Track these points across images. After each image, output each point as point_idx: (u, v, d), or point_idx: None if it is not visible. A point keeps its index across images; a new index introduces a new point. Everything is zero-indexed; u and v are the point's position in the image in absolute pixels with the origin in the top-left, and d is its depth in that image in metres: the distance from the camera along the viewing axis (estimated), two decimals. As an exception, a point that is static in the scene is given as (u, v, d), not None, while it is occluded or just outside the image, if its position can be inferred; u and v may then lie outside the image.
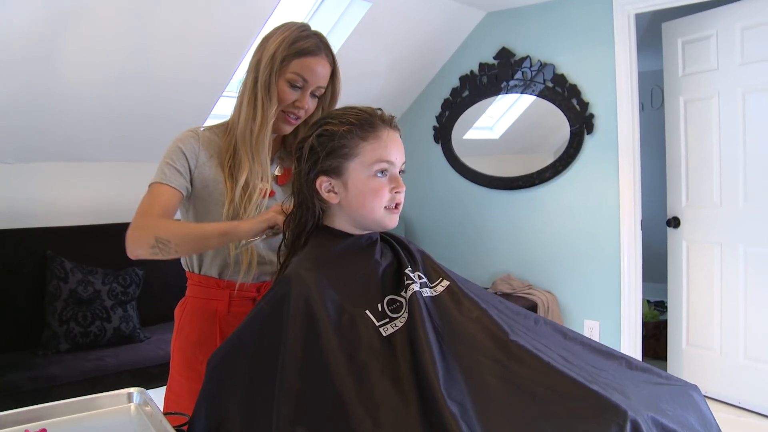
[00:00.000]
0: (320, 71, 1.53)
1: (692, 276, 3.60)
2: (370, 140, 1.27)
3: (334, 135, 1.27)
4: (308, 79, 1.52)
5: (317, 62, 1.52)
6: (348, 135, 1.27)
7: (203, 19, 2.91)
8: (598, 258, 3.76)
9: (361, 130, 1.27)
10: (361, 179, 1.27)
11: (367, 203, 1.28)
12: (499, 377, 1.09)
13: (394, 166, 1.29)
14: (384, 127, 1.29)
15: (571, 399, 1.03)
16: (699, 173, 3.54)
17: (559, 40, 3.82)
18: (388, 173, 1.29)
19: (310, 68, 1.52)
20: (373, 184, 1.27)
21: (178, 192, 1.52)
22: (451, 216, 4.42)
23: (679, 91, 3.61)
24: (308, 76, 1.52)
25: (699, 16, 3.47)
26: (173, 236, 1.42)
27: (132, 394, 1.34)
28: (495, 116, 4.48)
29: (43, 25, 2.52)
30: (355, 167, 1.27)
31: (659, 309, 4.46)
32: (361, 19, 3.49)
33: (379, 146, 1.27)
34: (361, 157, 1.27)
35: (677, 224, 3.64)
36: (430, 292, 1.26)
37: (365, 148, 1.27)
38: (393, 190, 1.29)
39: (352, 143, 1.27)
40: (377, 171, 1.27)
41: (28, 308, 2.90)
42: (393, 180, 1.29)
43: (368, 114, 1.30)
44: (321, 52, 1.54)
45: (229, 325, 1.56)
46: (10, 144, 2.94)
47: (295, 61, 1.51)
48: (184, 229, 1.46)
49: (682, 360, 3.64)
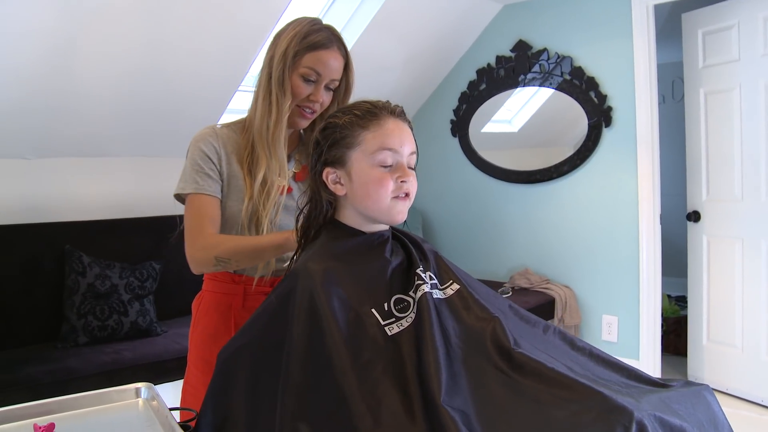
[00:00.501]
0: (333, 64, 1.54)
1: (713, 271, 3.55)
2: (371, 129, 1.24)
3: (336, 126, 1.27)
4: (321, 73, 1.53)
5: (329, 55, 1.53)
6: (349, 125, 1.25)
7: (218, 15, 2.92)
8: (617, 252, 3.72)
9: (362, 120, 1.25)
10: (364, 169, 1.25)
11: (371, 193, 1.25)
12: (502, 385, 1.08)
13: (398, 154, 1.26)
14: (388, 116, 1.26)
15: (575, 403, 1.02)
16: (720, 167, 3.48)
17: (576, 32, 3.78)
18: (393, 162, 1.26)
19: (322, 61, 1.52)
20: (376, 173, 1.24)
21: (217, 198, 1.55)
22: (469, 210, 4.40)
23: (699, 83, 3.55)
24: (321, 69, 1.52)
25: (720, 6, 3.41)
26: (231, 254, 1.47)
27: (140, 389, 1.35)
28: (514, 109, 4.44)
29: (61, 23, 2.54)
30: (357, 156, 1.25)
31: (680, 304, 4.41)
32: (375, 13, 3.48)
33: (380, 134, 1.24)
34: (363, 146, 1.24)
35: (697, 218, 3.59)
36: (440, 294, 1.25)
37: (366, 137, 1.24)
38: (398, 179, 1.25)
39: (353, 132, 1.25)
40: (380, 160, 1.24)
41: (47, 302, 2.94)
42: (398, 169, 1.26)
43: (373, 105, 1.28)
44: (333, 45, 1.54)
45: (244, 320, 1.55)
46: (30, 140, 2.97)
47: (307, 55, 1.51)
48: (240, 246, 1.49)
49: (702, 356, 3.59)
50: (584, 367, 1.18)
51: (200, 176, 1.54)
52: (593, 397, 1.01)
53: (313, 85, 1.54)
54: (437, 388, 1.03)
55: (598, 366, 1.21)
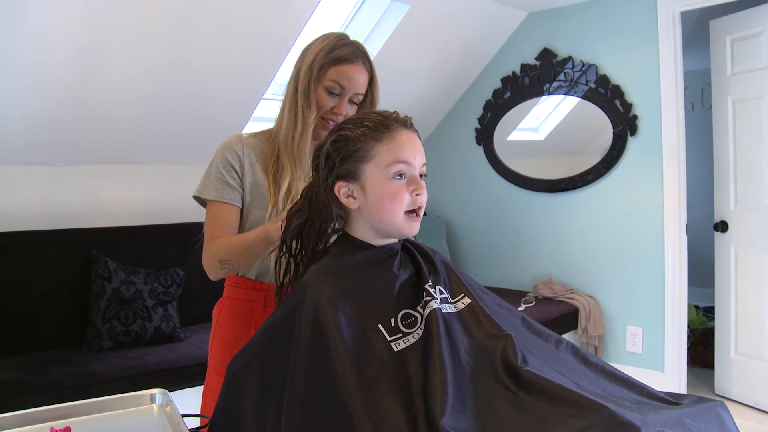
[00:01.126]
0: (357, 78, 1.58)
1: (741, 282, 3.49)
2: (384, 141, 1.24)
3: (348, 139, 1.25)
4: (345, 86, 1.56)
5: (354, 69, 1.57)
6: (362, 138, 1.24)
7: (243, 25, 2.95)
8: (642, 262, 3.68)
9: (375, 132, 1.24)
10: (379, 182, 1.24)
11: (386, 207, 1.24)
12: (509, 403, 1.06)
13: (412, 167, 1.25)
14: (399, 128, 1.25)
15: (582, 419, 1.00)
16: (748, 176, 3.43)
17: (601, 40, 3.76)
18: (407, 175, 1.25)
19: (346, 75, 1.56)
20: (391, 187, 1.23)
21: (235, 207, 1.60)
22: (493, 219, 4.39)
23: (727, 90, 3.50)
24: (345, 83, 1.56)
25: (748, 13, 3.36)
26: (228, 255, 1.53)
27: (155, 395, 1.37)
28: (540, 117, 4.42)
29: (88, 34, 2.60)
30: (371, 170, 1.24)
31: (708, 315, 4.33)
32: (400, 21, 3.49)
33: (394, 147, 1.23)
34: (377, 159, 1.24)
35: (725, 228, 3.53)
36: (451, 309, 1.24)
37: (380, 150, 1.23)
38: (413, 192, 1.24)
39: (366, 146, 1.24)
40: (395, 173, 1.23)
41: (73, 306, 2.99)
42: (412, 182, 1.25)
43: (382, 116, 1.27)
44: (358, 59, 1.58)
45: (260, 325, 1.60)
46: (58, 147, 3.04)
47: (332, 68, 1.55)
48: (233, 245, 1.54)
49: (730, 369, 3.52)
50: (595, 384, 1.16)
51: (221, 184, 1.58)
52: (600, 413, 1.00)
53: (337, 98, 1.58)
54: (440, 409, 1.02)
55: (610, 383, 1.20)
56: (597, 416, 1.00)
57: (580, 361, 1.23)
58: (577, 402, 1.03)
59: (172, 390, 1.85)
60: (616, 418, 0.98)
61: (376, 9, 3.54)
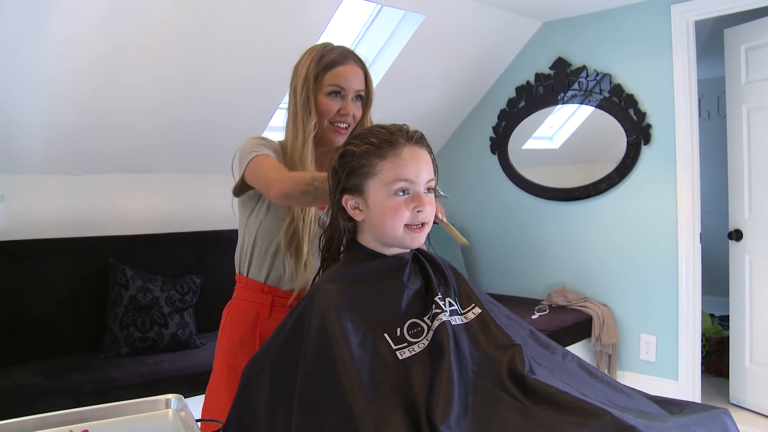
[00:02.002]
0: (353, 76, 1.63)
1: (756, 291, 3.47)
2: (389, 158, 1.25)
3: (354, 155, 1.28)
4: (344, 87, 1.62)
5: (348, 69, 1.63)
6: (366, 155, 1.26)
7: (259, 34, 3.00)
8: (656, 271, 3.67)
9: (379, 149, 1.26)
10: (381, 198, 1.26)
11: (386, 222, 1.26)
12: (517, 412, 1.08)
13: (415, 184, 1.26)
14: (405, 145, 1.27)
15: (586, 426, 1.02)
16: (763, 184, 3.41)
17: (615, 49, 3.76)
18: (410, 191, 1.26)
19: (343, 76, 1.62)
20: (392, 203, 1.25)
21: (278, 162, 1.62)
22: (507, 227, 4.39)
23: (742, 99, 3.49)
24: (343, 83, 1.62)
25: (763, 21, 3.36)
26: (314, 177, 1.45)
27: (170, 400, 1.39)
28: (555, 126, 4.43)
29: (106, 44, 2.65)
30: (374, 186, 1.26)
31: (723, 324, 4.30)
32: (414, 31, 3.52)
33: (397, 164, 1.25)
34: (380, 176, 1.26)
35: (739, 237, 3.52)
36: (460, 320, 1.26)
37: (384, 167, 1.25)
38: (414, 209, 1.26)
39: (371, 162, 1.26)
40: (396, 189, 1.25)
41: (91, 313, 3.04)
42: (414, 198, 1.26)
43: (390, 132, 1.28)
44: (349, 59, 1.64)
45: (269, 329, 1.58)
46: (78, 156, 3.09)
47: (327, 74, 1.61)
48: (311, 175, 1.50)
49: (745, 379, 3.50)
50: (600, 394, 1.18)
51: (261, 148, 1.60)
52: (603, 418, 1.02)
53: (341, 100, 1.63)
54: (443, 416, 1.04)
55: (616, 393, 1.22)
56: (601, 422, 1.01)
57: (586, 373, 1.25)
58: (582, 409, 1.04)
59: (188, 396, 1.88)
60: (618, 423, 1.00)
61: (390, 19, 3.57)
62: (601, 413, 1.02)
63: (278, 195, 1.49)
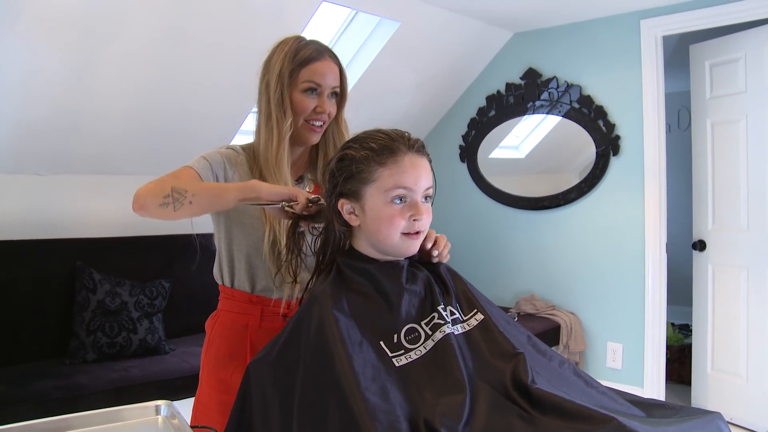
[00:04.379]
0: (329, 73, 1.58)
1: (718, 300, 3.56)
2: (388, 165, 1.25)
3: (353, 159, 1.27)
4: (321, 83, 1.57)
5: (324, 65, 1.57)
6: (365, 160, 1.26)
7: (233, 36, 2.96)
8: (623, 280, 3.74)
9: (379, 156, 1.25)
10: (378, 205, 1.25)
11: (382, 229, 1.26)
12: (526, 421, 1.08)
13: (413, 192, 1.26)
14: (405, 152, 1.26)
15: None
16: (726, 196, 3.51)
17: (585, 61, 3.83)
18: (407, 199, 1.26)
19: (319, 73, 1.56)
20: (389, 211, 1.25)
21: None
22: (476, 235, 4.43)
23: (706, 113, 3.59)
24: (320, 80, 1.56)
25: (727, 39, 3.46)
26: (191, 187, 1.40)
27: (160, 406, 1.36)
28: (521, 136, 4.49)
29: (79, 45, 2.60)
30: (372, 192, 1.26)
31: (684, 332, 4.41)
32: (389, 38, 3.53)
33: (396, 172, 1.24)
34: (378, 183, 1.25)
35: (703, 247, 3.61)
36: (463, 328, 1.26)
37: (382, 174, 1.25)
38: (411, 217, 1.25)
39: (369, 168, 1.25)
40: (394, 197, 1.25)
41: (56, 318, 2.96)
42: (411, 207, 1.26)
43: (391, 138, 1.28)
44: (325, 55, 1.59)
45: (260, 340, 1.56)
46: (44, 156, 3.01)
47: (303, 70, 1.55)
48: (202, 184, 1.46)
49: (707, 385, 3.59)
50: (598, 402, 1.19)
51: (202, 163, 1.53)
52: (610, 424, 1.03)
53: (317, 97, 1.58)
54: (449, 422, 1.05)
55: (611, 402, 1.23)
56: (608, 428, 1.02)
57: (582, 382, 1.26)
58: (589, 417, 1.05)
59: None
60: (625, 429, 1.01)
61: (365, 25, 3.57)
62: (607, 419, 1.04)
63: (135, 209, 1.43)
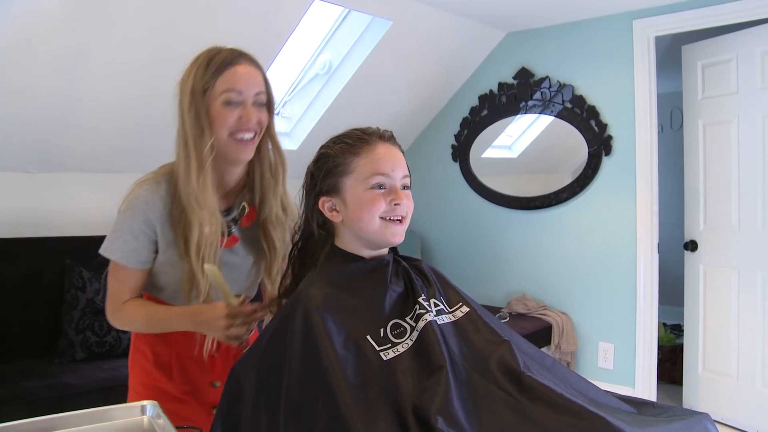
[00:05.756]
0: (249, 76, 1.41)
1: (709, 300, 3.57)
2: (363, 155, 1.27)
3: (328, 156, 1.29)
4: (242, 90, 1.39)
5: (242, 68, 1.41)
6: (341, 153, 1.28)
7: (225, 37, 2.93)
8: (614, 280, 3.74)
9: (353, 147, 1.28)
10: (358, 193, 1.27)
11: (364, 215, 1.26)
12: (512, 409, 1.09)
13: (390, 179, 1.27)
14: (378, 142, 1.29)
15: (581, 429, 1.03)
16: (717, 197, 3.52)
17: (578, 61, 3.83)
18: (386, 186, 1.27)
19: (237, 76, 1.39)
20: (369, 196, 1.26)
21: (142, 270, 1.48)
22: (468, 235, 4.42)
23: (698, 114, 3.60)
24: (240, 86, 1.39)
25: (719, 40, 3.46)
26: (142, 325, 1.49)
27: (145, 406, 1.34)
28: (514, 135, 4.49)
29: (67, 40, 2.57)
30: (351, 183, 1.27)
31: (675, 332, 4.42)
32: (381, 37, 3.52)
33: (372, 159, 1.26)
34: (356, 173, 1.27)
35: (695, 248, 3.61)
36: (448, 318, 1.27)
37: (359, 164, 1.27)
38: (391, 201, 1.27)
39: (346, 160, 1.27)
40: (374, 184, 1.26)
41: (45, 316, 2.94)
42: (391, 192, 1.27)
43: (363, 132, 1.30)
44: (242, 58, 1.42)
45: (186, 346, 1.54)
46: (34, 154, 2.99)
47: (219, 78, 1.39)
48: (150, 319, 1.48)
49: (698, 385, 3.60)
50: (589, 398, 1.20)
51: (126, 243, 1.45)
52: (598, 423, 1.03)
53: (240, 106, 1.40)
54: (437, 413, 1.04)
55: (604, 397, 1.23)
56: (595, 426, 1.03)
57: (573, 378, 1.27)
58: (577, 413, 1.06)
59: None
60: (612, 428, 1.01)
61: (357, 25, 3.56)
62: (595, 417, 1.04)
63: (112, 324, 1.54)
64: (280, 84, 3.71)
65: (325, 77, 3.70)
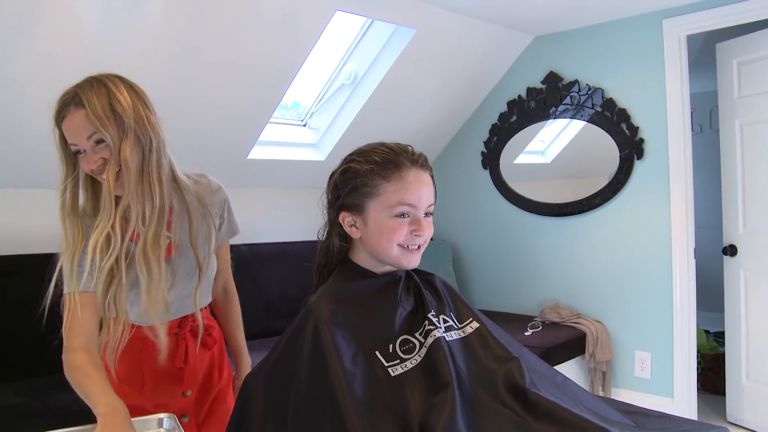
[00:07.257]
0: (75, 125, 1.37)
1: (751, 307, 3.45)
2: (393, 181, 1.25)
3: (357, 173, 1.27)
4: (76, 142, 1.38)
5: (70, 119, 1.37)
6: (370, 174, 1.25)
7: (247, 50, 2.96)
8: (650, 287, 3.65)
9: (383, 170, 1.25)
10: (381, 219, 1.26)
11: (383, 242, 1.26)
12: (516, 426, 1.08)
13: (416, 209, 1.26)
14: (410, 168, 1.26)
15: None
16: (757, 199, 3.41)
17: (607, 63, 3.77)
18: (410, 215, 1.26)
19: (68, 129, 1.38)
20: (392, 224, 1.25)
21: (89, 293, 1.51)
22: (499, 242, 4.37)
23: (735, 113, 3.50)
24: (71, 138, 1.38)
25: (755, 36, 3.36)
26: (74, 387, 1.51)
27: (162, 419, 1.40)
28: (546, 140, 4.42)
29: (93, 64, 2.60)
30: (375, 207, 1.26)
31: (719, 340, 4.28)
32: (406, 45, 3.50)
33: (401, 188, 1.24)
34: (382, 198, 1.25)
35: (734, 252, 3.50)
36: (458, 334, 1.26)
37: (387, 189, 1.25)
38: (413, 232, 1.26)
39: (374, 183, 1.25)
40: (398, 213, 1.25)
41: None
42: (414, 222, 1.26)
43: (395, 152, 1.27)
44: (69, 106, 1.37)
45: (153, 360, 1.55)
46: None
47: (62, 128, 1.39)
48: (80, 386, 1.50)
49: (742, 396, 3.47)
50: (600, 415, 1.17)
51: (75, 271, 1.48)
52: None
53: (83, 154, 1.39)
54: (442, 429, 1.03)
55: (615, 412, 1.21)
56: None
57: (582, 393, 1.25)
58: (584, 429, 1.03)
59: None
60: None
61: (381, 34, 3.56)
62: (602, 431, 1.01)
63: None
64: (306, 95, 3.72)
65: (351, 87, 3.69)
